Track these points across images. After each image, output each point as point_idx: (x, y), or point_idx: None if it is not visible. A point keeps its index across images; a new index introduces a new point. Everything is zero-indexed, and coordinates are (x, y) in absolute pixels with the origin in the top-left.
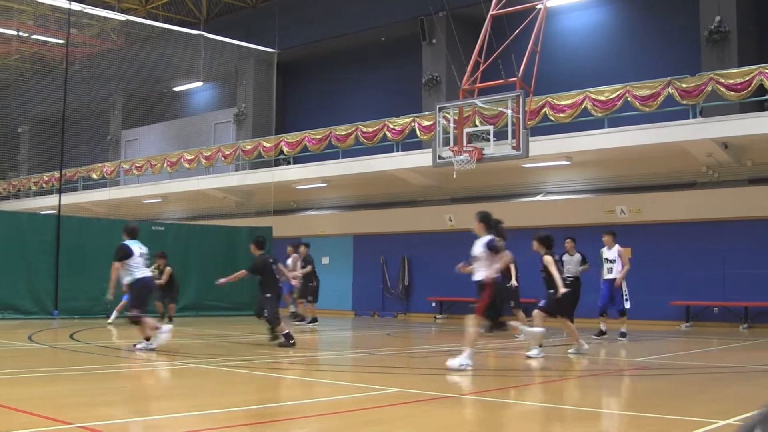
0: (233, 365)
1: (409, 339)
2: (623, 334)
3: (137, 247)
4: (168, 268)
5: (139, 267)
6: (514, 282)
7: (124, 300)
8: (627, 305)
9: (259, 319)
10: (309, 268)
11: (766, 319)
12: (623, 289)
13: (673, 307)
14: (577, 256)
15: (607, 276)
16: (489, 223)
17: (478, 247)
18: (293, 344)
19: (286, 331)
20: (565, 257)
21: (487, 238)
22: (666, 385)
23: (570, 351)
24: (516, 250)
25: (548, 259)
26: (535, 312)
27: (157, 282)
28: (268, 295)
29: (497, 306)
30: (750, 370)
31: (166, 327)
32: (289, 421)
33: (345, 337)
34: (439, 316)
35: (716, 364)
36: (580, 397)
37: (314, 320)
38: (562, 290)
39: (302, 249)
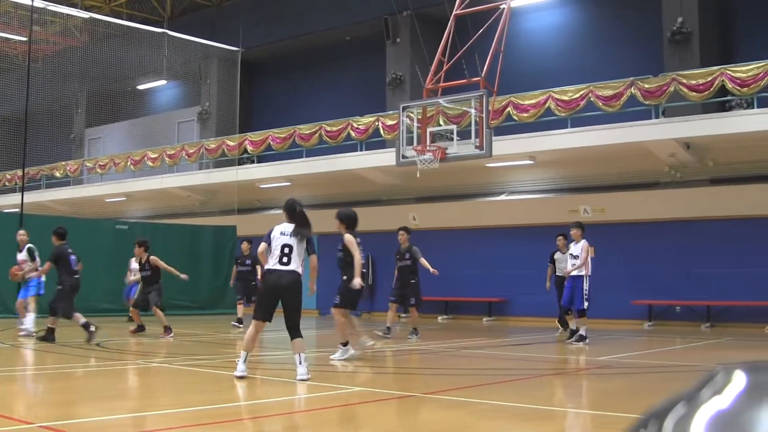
0: (196, 364)
1: (373, 338)
2: (582, 337)
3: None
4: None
5: None
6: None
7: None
8: (585, 305)
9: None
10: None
11: (728, 317)
12: (584, 288)
13: (635, 306)
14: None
15: (574, 273)
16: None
17: None
18: (53, 340)
19: (83, 322)
20: (558, 255)
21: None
22: (628, 384)
23: (334, 357)
24: (478, 249)
25: (349, 239)
26: (333, 311)
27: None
28: (60, 287)
29: None
30: (714, 365)
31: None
32: (252, 420)
33: (309, 336)
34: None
35: (678, 363)
36: (542, 395)
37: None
38: (358, 280)
39: (244, 245)
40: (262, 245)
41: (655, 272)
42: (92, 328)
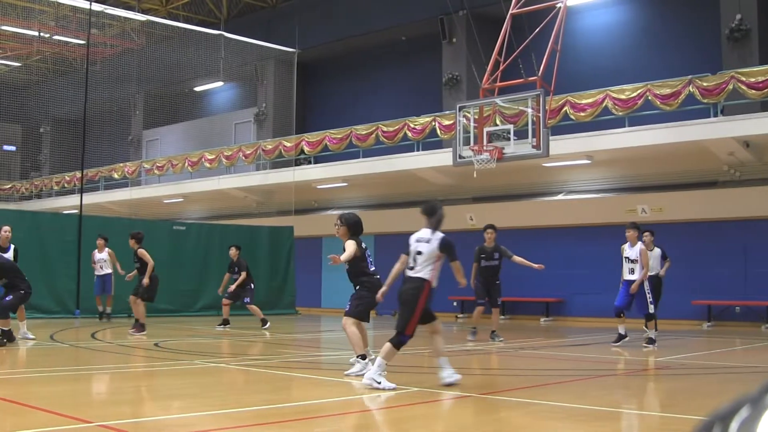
0: (252, 364)
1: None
2: (651, 340)
3: None
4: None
5: None
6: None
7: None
8: (651, 309)
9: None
10: (243, 274)
11: None
12: (645, 291)
13: (694, 307)
14: (657, 251)
15: (628, 276)
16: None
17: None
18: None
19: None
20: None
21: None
22: (688, 385)
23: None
24: (533, 249)
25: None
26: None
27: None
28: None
29: None
30: None
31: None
32: (307, 420)
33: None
34: (461, 315)
35: (739, 364)
36: (601, 396)
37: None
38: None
39: (233, 251)
40: (402, 257)
41: (714, 272)
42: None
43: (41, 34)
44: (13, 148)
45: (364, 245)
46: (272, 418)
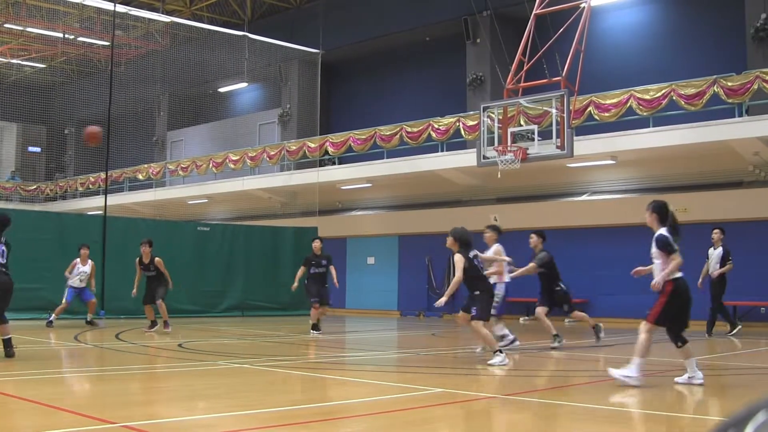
0: (278, 365)
1: (455, 339)
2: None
3: None
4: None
5: None
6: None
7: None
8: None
9: None
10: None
11: None
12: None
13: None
14: (720, 250)
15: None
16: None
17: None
18: None
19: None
20: (710, 250)
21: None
22: (711, 387)
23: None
24: (560, 250)
25: (457, 258)
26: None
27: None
28: None
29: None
30: None
31: None
32: (333, 421)
33: (390, 337)
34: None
35: (764, 365)
36: (626, 397)
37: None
38: (443, 299)
39: (317, 244)
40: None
41: (739, 272)
42: None
43: (66, 35)
44: (38, 149)
45: (471, 253)
46: (296, 418)
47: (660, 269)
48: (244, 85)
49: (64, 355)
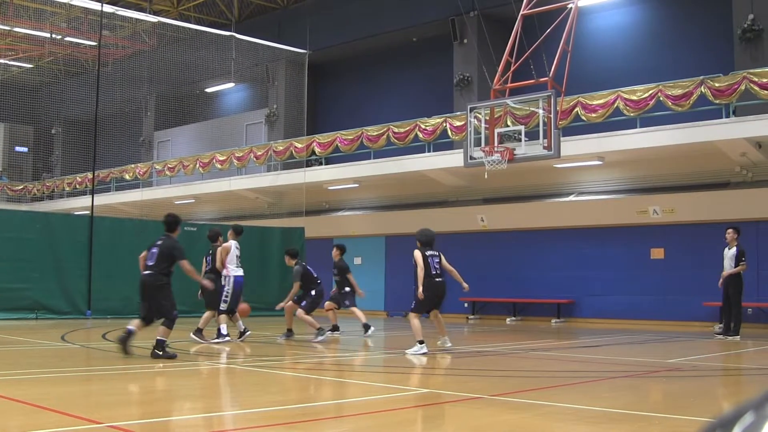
0: (265, 366)
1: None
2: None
3: None
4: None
5: None
6: None
7: None
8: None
9: None
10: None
11: None
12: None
13: (706, 308)
14: (734, 250)
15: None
16: None
17: None
18: None
19: None
20: (725, 250)
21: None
22: (698, 387)
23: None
24: (546, 250)
25: (416, 255)
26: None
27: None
28: None
29: None
30: None
31: None
32: (321, 422)
33: (377, 337)
34: (471, 316)
35: (749, 366)
36: (610, 398)
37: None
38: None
39: (335, 252)
40: None
41: None
42: None
43: (53, 35)
44: (25, 149)
45: (428, 252)
46: (283, 419)
47: None
48: (231, 85)
49: (51, 355)
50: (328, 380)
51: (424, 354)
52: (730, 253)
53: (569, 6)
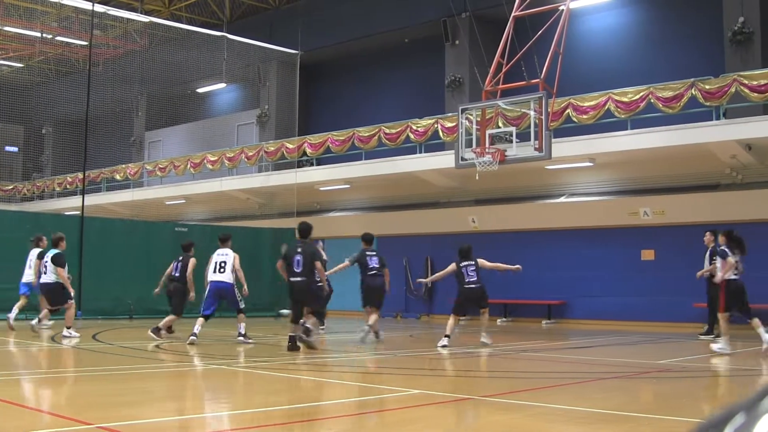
0: (256, 367)
1: (432, 341)
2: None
3: None
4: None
5: None
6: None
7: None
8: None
9: None
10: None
11: None
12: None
13: (696, 309)
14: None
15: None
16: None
17: None
18: None
19: None
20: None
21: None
22: (688, 388)
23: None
24: (538, 252)
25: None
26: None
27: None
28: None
29: None
30: None
31: None
32: (312, 423)
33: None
34: (462, 318)
35: (740, 367)
36: (600, 399)
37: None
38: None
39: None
40: None
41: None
42: None
43: (44, 35)
44: (15, 149)
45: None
46: (275, 419)
47: None
48: (222, 85)
49: (41, 356)
50: (320, 381)
51: (443, 347)
52: (707, 254)
53: (561, 8)
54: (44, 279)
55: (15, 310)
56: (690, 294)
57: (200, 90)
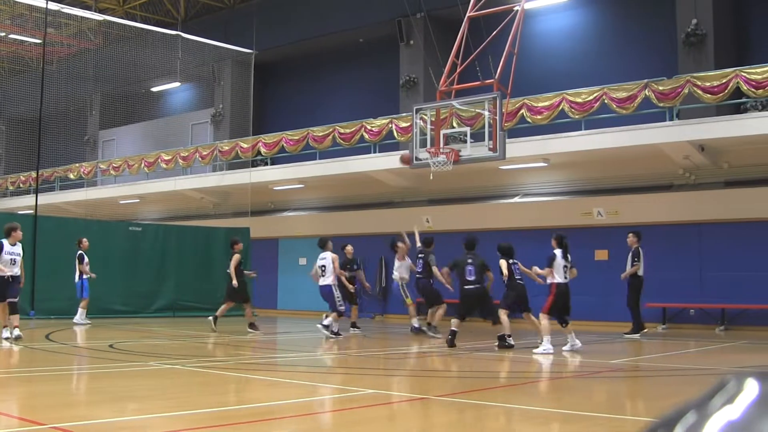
0: (209, 366)
1: (386, 341)
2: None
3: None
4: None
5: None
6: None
7: None
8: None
9: None
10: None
11: (742, 321)
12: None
13: (649, 309)
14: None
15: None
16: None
17: None
18: None
19: None
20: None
21: None
22: (641, 388)
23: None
24: (489, 252)
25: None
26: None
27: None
28: None
29: None
30: (726, 372)
31: None
32: (266, 422)
33: (321, 338)
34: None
35: (693, 366)
36: (553, 398)
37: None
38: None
39: (349, 248)
40: None
41: (669, 275)
42: None
43: None
44: None
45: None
46: (228, 419)
47: None
48: (176, 84)
49: None
50: (273, 381)
51: (510, 347)
52: (630, 255)
53: (516, 8)
54: None
55: None
56: (643, 293)
57: (155, 89)
